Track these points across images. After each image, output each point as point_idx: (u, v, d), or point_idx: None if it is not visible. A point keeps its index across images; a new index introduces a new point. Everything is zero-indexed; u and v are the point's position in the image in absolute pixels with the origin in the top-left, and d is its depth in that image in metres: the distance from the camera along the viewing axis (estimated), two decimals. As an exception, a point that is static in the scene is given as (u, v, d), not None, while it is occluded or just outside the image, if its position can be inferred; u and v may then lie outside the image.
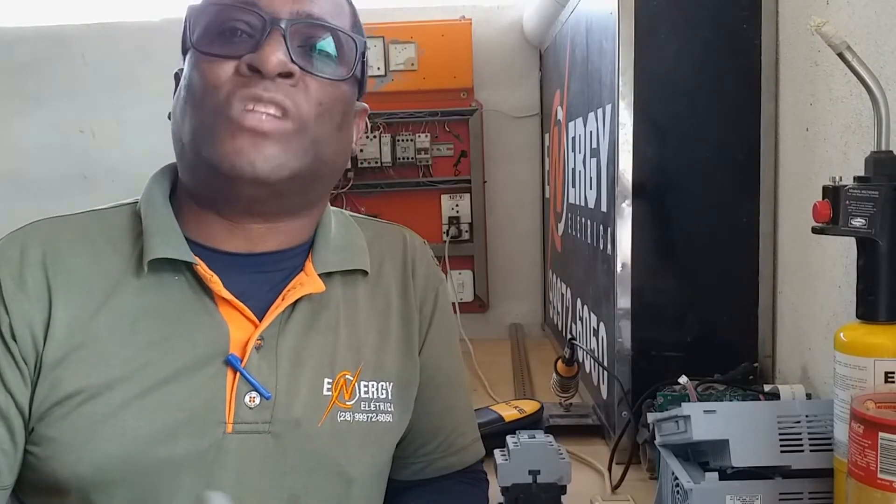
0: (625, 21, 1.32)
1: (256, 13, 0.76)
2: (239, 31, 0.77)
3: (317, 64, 0.79)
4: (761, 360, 1.35)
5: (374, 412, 0.83)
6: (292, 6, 0.78)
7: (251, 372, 0.77)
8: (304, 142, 0.77)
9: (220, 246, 0.81)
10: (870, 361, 0.81)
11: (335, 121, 0.81)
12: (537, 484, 1.11)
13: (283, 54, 0.75)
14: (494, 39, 2.62)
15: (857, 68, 0.88)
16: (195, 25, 0.79)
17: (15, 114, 2.76)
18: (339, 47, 0.81)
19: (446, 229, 2.59)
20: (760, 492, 0.94)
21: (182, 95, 0.79)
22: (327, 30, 0.80)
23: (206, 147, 0.76)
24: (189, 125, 0.77)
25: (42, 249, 0.78)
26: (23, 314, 0.75)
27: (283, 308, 0.80)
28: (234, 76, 0.76)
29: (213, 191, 0.79)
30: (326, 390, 0.81)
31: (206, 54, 0.77)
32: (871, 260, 0.85)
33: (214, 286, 0.78)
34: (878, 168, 0.86)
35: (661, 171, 1.36)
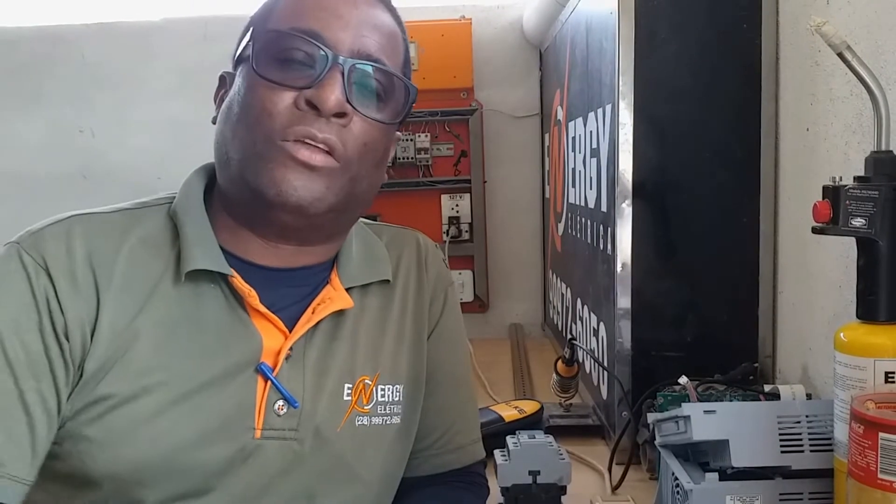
0: (625, 21, 1.32)
1: (320, 47, 0.78)
2: (299, 62, 0.78)
3: (369, 105, 0.80)
4: (761, 360, 1.35)
5: (388, 415, 0.86)
6: (354, 42, 0.79)
7: (281, 381, 0.80)
8: (345, 179, 0.79)
9: (253, 259, 0.83)
10: (870, 361, 0.81)
11: (376, 159, 0.83)
12: (537, 484, 1.11)
13: (341, 94, 0.77)
14: (494, 39, 2.62)
15: (857, 68, 0.88)
16: (257, 44, 0.80)
17: (15, 114, 2.76)
18: (391, 90, 0.82)
19: (446, 229, 2.59)
20: (760, 492, 0.94)
21: (235, 111, 0.80)
22: (383, 73, 0.81)
23: (254, 171, 0.78)
24: (239, 144, 0.79)
25: (87, 248, 0.79)
26: (76, 314, 0.76)
27: (313, 322, 0.83)
28: (291, 108, 0.77)
29: (252, 211, 0.81)
30: (347, 395, 0.84)
31: (265, 80, 0.78)
32: (871, 260, 0.84)
33: (251, 300, 0.80)
34: (878, 168, 0.86)
35: (661, 171, 1.36)
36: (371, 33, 0.81)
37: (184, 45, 2.69)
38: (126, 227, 0.82)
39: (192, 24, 2.67)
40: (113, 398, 0.76)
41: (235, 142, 0.79)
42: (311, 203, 0.77)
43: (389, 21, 0.85)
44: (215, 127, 0.84)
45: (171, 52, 2.70)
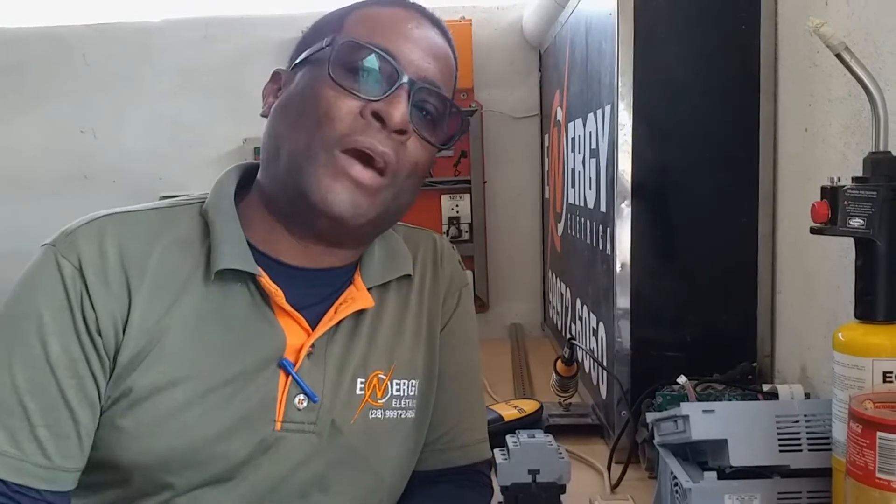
0: (624, 21, 1.32)
1: (393, 65, 0.81)
2: (370, 73, 0.81)
3: (425, 127, 0.84)
4: (760, 359, 1.35)
5: (403, 409, 0.89)
6: (420, 67, 0.83)
7: (302, 376, 0.83)
8: (388, 194, 0.82)
9: (282, 258, 0.85)
10: (868, 361, 0.82)
11: (420, 178, 0.86)
12: (537, 483, 1.11)
13: (406, 112, 0.80)
14: (494, 40, 2.63)
15: (856, 69, 0.89)
16: (334, 51, 0.82)
17: (15, 114, 2.77)
18: (444, 116, 0.86)
19: (446, 229, 2.59)
20: (759, 491, 0.95)
21: (293, 109, 0.83)
22: (442, 99, 0.85)
23: (304, 174, 0.80)
24: (294, 142, 0.81)
25: (119, 248, 0.81)
26: (108, 311, 0.79)
27: (335, 321, 0.85)
28: (355, 116, 0.80)
29: (292, 210, 0.83)
30: (360, 389, 0.86)
31: (338, 85, 0.80)
32: (869, 260, 0.85)
33: (278, 299, 0.83)
34: (876, 168, 0.86)
35: (661, 171, 1.36)
36: (434, 61, 0.84)
37: (184, 46, 2.69)
38: (158, 227, 0.84)
39: (192, 25, 2.68)
40: (143, 390, 0.79)
41: (290, 139, 0.82)
42: (353, 216, 0.80)
43: (449, 52, 0.88)
44: (266, 122, 0.86)
45: (171, 53, 2.70)
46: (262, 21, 2.64)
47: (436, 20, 0.89)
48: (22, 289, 0.79)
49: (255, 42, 2.63)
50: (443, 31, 0.89)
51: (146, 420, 0.79)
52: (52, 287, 0.78)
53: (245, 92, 2.72)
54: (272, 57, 2.64)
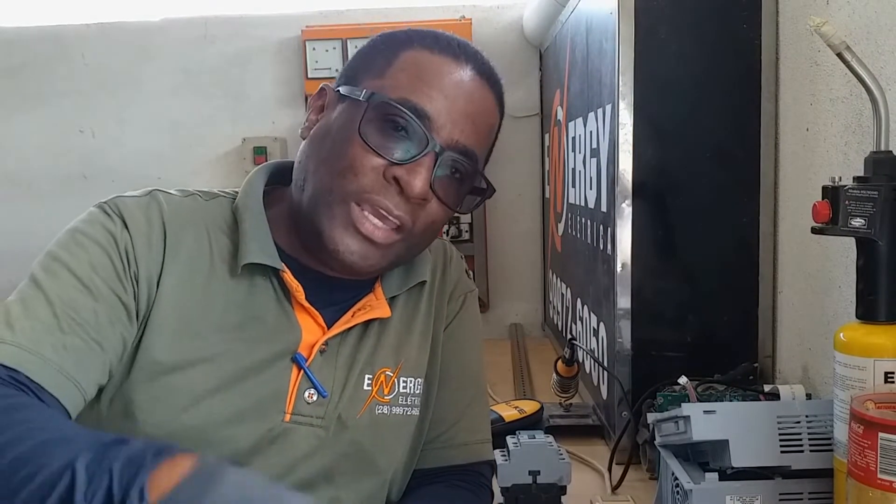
0: (625, 21, 1.32)
1: (425, 131, 0.81)
2: (401, 130, 0.82)
3: (448, 191, 0.85)
4: (761, 360, 1.35)
5: (409, 406, 0.91)
6: (453, 131, 0.82)
7: (313, 371, 0.85)
8: (401, 248, 0.85)
9: (310, 265, 0.88)
10: (869, 361, 0.82)
11: (434, 235, 0.90)
12: (537, 484, 1.11)
13: (427, 180, 0.81)
14: (494, 39, 2.62)
15: (857, 68, 0.88)
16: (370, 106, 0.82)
17: (15, 114, 2.76)
18: (469, 180, 0.87)
19: (446, 229, 2.59)
20: (760, 492, 0.94)
21: (325, 149, 0.84)
22: (472, 168, 0.86)
23: (322, 216, 0.83)
24: (317, 183, 0.84)
25: (162, 220, 0.85)
26: (147, 268, 0.82)
27: (350, 325, 0.88)
28: (378, 175, 0.81)
29: (310, 241, 0.86)
30: (367, 385, 0.89)
31: (365, 143, 0.81)
32: (870, 260, 0.85)
33: (298, 295, 0.85)
34: (877, 168, 0.86)
35: (661, 171, 1.36)
36: (472, 124, 0.84)
37: (184, 45, 2.69)
38: (198, 211, 0.88)
39: (192, 25, 2.67)
40: (161, 366, 0.81)
41: (315, 177, 0.84)
42: (363, 268, 0.84)
43: (492, 108, 0.88)
44: (302, 144, 0.88)
45: (171, 52, 2.70)
46: (262, 21, 2.64)
47: (487, 71, 0.87)
48: (71, 233, 0.82)
49: (255, 42, 2.63)
50: (493, 83, 0.88)
51: (162, 395, 0.80)
52: (101, 232, 0.82)
53: (245, 92, 2.73)
54: (272, 57, 2.65)
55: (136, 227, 0.83)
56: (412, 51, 0.85)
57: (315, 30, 2.54)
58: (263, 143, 2.62)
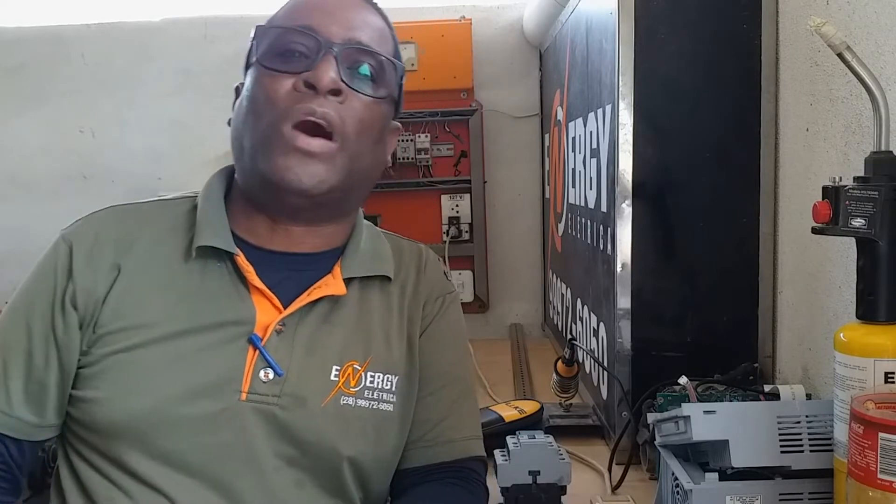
0: (625, 21, 1.32)
1: (314, 37, 0.88)
2: (297, 52, 0.88)
3: (361, 85, 0.90)
4: (761, 360, 1.35)
5: (377, 401, 0.92)
6: (345, 34, 0.89)
7: (269, 351, 0.88)
8: (344, 158, 0.88)
9: (264, 244, 0.92)
10: (870, 362, 0.82)
11: (373, 137, 0.92)
12: (537, 484, 1.11)
13: (335, 73, 0.87)
14: (494, 39, 2.62)
15: (857, 68, 0.88)
16: (261, 44, 0.91)
17: (15, 114, 2.76)
18: (381, 71, 0.92)
19: (446, 229, 2.59)
20: (760, 492, 0.94)
21: (244, 105, 0.91)
22: (372, 55, 0.91)
23: (261, 159, 0.87)
24: (248, 135, 0.89)
25: (112, 232, 0.92)
26: (85, 287, 0.88)
27: (306, 302, 0.91)
28: (292, 91, 0.87)
29: (263, 196, 0.91)
30: (334, 376, 0.90)
31: (268, 69, 0.89)
32: (870, 260, 0.85)
33: (249, 275, 0.90)
34: (877, 168, 0.86)
35: (661, 171, 1.36)
36: (361, 26, 0.91)
37: (184, 46, 2.69)
38: (155, 214, 0.95)
39: (191, 25, 2.67)
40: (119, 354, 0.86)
41: (246, 131, 0.89)
42: (314, 186, 0.86)
43: (378, 20, 0.94)
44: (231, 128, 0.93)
45: (171, 53, 2.70)
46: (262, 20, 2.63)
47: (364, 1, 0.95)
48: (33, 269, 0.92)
49: (255, 42, 2.63)
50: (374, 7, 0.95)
51: (119, 377, 0.86)
52: (47, 263, 0.90)
53: (245, 92, 2.72)
54: (272, 57, 2.64)
55: (81, 247, 0.90)
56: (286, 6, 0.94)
57: (315, 30, 2.53)
58: (263, 143, 2.62)
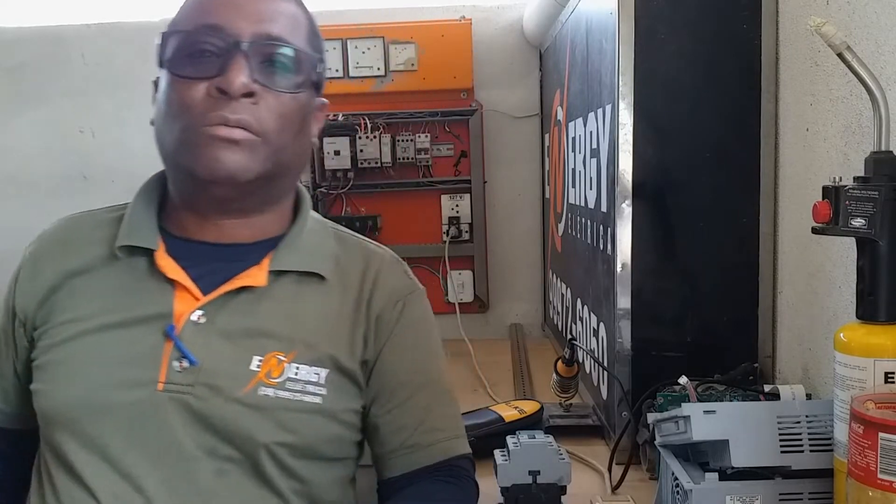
0: (625, 21, 1.32)
1: (221, 37, 0.88)
2: (207, 52, 0.88)
3: (276, 79, 0.90)
4: (761, 360, 1.35)
5: (301, 392, 0.92)
6: (253, 27, 0.88)
7: (184, 341, 0.90)
8: (268, 150, 0.89)
9: (195, 237, 0.94)
10: (870, 362, 0.82)
11: (294, 128, 0.92)
12: (537, 484, 1.11)
13: (246, 76, 0.87)
14: (494, 39, 2.62)
15: (857, 68, 0.88)
16: (169, 47, 0.92)
17: (15, 114, 2.76)
18: (295, 62, 0.92)
19: (446, 229, 2.59)
20: (760, 492, 0.94)
21: (162, 109, 0.93)
22: (284, 47, 0.90)
23: (186, 157, 0.89)
24: (170, 137, 0.91)
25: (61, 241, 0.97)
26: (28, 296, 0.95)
27: (223, 292, 0.92)
28: (206, 97, 0.87)
29: (192, 191, 0.93)
30: (255, 366, 0.90)
31: (179, 76, 0.89)
32: (870, 260, 0.85)
33: (164, 270, 0.92)
34: (878, 168, 0.86)
35: (661, 171, 1.36)
36: (271, 17, 0.90)
37: (184, 46, 2.68)
38: (97, 219, 0.99)
39: (192, 25, 2.67)
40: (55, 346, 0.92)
41: (167, 135, 0.92)
42: (238, 172, 0.87)
43: (289, 5, 0.94)
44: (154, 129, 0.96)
45: (171, 53, 2.69)
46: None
47: None
48: None
49: (255, 42, 2.62)
50: None
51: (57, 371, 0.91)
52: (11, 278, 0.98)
53: (245, 92, 2.72)
54: (272, 57, 2.64)
55: (32, 258, 0.97)
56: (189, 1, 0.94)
57: (315, 30, 2.54)
58: (263, 143, 2.62)
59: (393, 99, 2.54)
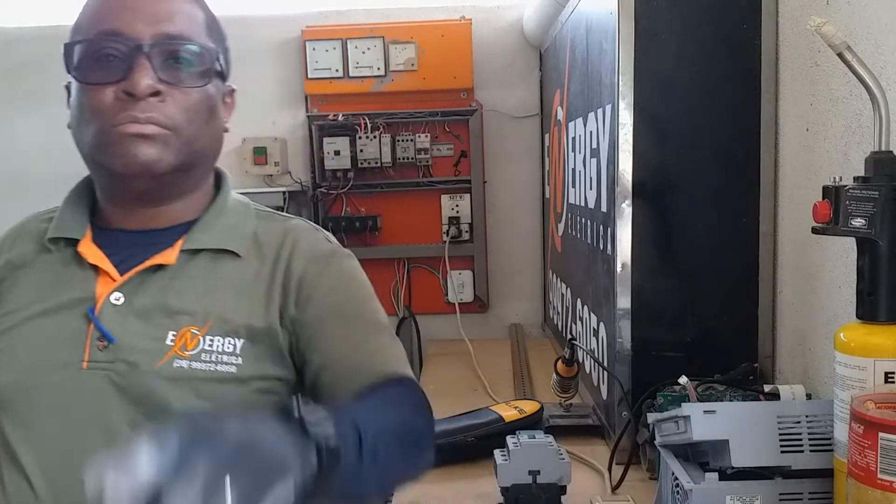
0: (625, 21, 1.32)
1: (122, 41, 0.93)
2: (111, 56, 0.94)
3: (180, 76, 0.95)
4: (761, 360, 1.35)
5: (216, 363, 0.96)
6: (152, 29, 0.93)
7: (103, 321, 0.95)
8: (179, 142, 0.94)
9: (120, 226, 1.01)
10: (870, 361, 0.82)
11: (203, 118, 0.97)
12: (537, 484, 1.11)
13: (150, 77, 0.92)
14: (494, 40, 2.62)
15: (857, 68, 0.88)
16: (74, 55, 0.97)
17: (15, 114, 2.76)
18: (197, 56, 0.97)
19: (446, 229, 2.59)
20: (760, 492, 0.94)
21: (76, 114, 0.99)
22: (184, 45, 0.96)
23: (103, 156, 0.95)
24: (86, 140, 0.97)
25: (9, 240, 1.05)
26: None
27: (135, 272, 0.98)
28: (115, 101, 0.93)
29: (113, 186, 0.99)
30: (170, 340, 0.95)
31: (87, 84, 0.95)
32: (871, 260, 0.85)
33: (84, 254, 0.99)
34: (878, 168, 0.86)
35: (661, 171, 1.36)
36: (167, 17, 0.95)
37: (184, 46, 2.69)
38: (41, 218, 1.07)
39: (192, 25, 2.67)
40: None
41: (84, 138, 0.98)
42: (153, 164, 0.93)
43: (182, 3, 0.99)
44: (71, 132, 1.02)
45: (171, 53, 2.69)
46: (263, 21, 2.63)
47: None
48: None
49: (256, 42, 2.62)
50: None
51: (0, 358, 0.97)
52: None
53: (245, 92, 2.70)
54: (272, 57, 2.64)
55: None
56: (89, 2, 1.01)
57: (315, 30, 2.54)
58: (263, 144, 2.62)
59: (393, 99, 2.54)
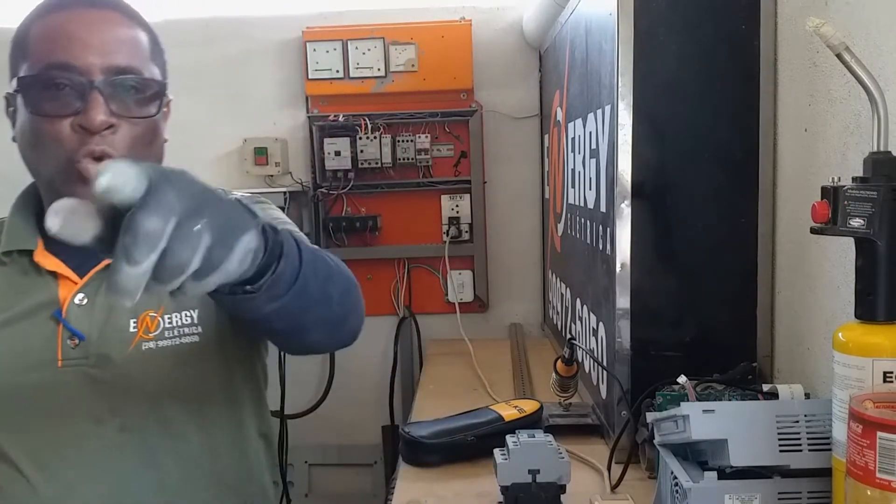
0: (624, 22, 1.32)
1: (74, 75, 0.97)
2: (63, 86, 0.98)
3: (130, 108, 1.01)
4: (760, 359, 1.35)
5: (179, 336, 1.05)
6: (101, 61, 0.98)
7: (71, 321, 1.03)
8: None
9: None
10: (868, 361, 0.82)
11: (147, 141, 1.04)
12: (537, 483, 1.11)
13: (104, 112, 0.97)
14: (494, 40, 2.63)
15: (856, 69, 0.89)
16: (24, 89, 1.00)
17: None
18: (146, 86, 1.03)
19: (446, 229, 2.59)
20: (759, 491, 0.95)
21: (29, 140, 1.01)
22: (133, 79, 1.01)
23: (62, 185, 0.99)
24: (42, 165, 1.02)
25: None
26: None
27: (93, 273, 1.04)
28: (71, 134, 0.98)
29: None
30: (133, 328, 1.04)
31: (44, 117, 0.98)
32: (869, 260, 0.85)
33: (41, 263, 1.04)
34: (876, 168, 0.86)
35: (661, 171, 1.36)
36: (115, 48, 1.00)
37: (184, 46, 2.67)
38: None
39: (192, 26, 2.67)
40: None
41: (39, 164, 1.03)
42: None
43: (128, 30, 1.04)
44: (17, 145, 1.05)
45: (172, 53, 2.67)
46: (263, 22, 2.64)
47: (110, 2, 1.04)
48: None
49: (256, 43, 2.63)
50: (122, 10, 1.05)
51: None
52: None
53: (245, 92, 2.72)
54: (273, 58, 2.65)
55: None
56: (37, 24, 1.02)
57: (316, 31, 2.54)
58: (264, 144, 2.62)
59: (393, 99, 2.54)
